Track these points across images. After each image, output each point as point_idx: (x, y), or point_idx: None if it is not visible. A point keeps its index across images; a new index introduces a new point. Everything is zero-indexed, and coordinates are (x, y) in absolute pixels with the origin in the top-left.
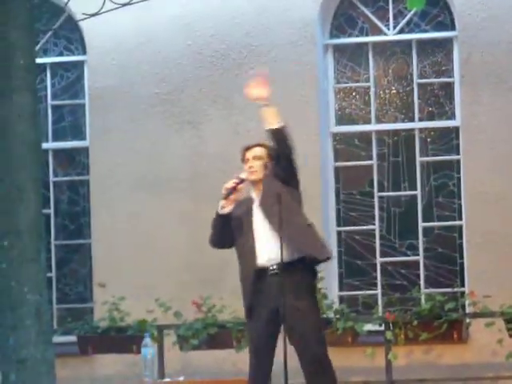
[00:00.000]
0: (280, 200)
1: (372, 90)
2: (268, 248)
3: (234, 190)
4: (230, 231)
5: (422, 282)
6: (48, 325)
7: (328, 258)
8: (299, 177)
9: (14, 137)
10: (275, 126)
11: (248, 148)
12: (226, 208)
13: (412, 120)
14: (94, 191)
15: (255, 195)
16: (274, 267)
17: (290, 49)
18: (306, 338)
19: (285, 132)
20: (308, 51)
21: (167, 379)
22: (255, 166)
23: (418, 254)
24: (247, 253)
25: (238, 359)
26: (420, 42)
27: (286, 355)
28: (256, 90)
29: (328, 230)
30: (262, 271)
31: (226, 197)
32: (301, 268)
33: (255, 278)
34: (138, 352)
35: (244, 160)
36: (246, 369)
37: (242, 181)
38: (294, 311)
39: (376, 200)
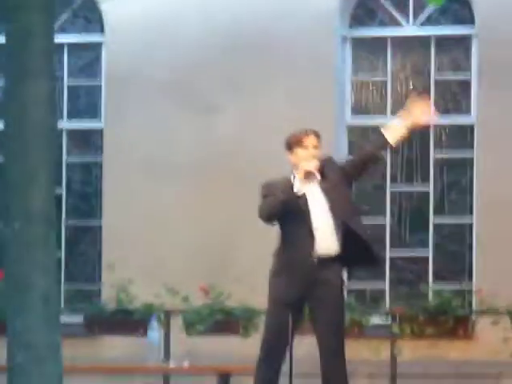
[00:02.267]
0: (343, 197)
1: (389, 84)
2: (326, 236)
3: (312, 173)
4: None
5: (430, 278)
6: (56, 309)
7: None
8: None
9: (29, 122)
10: (394, 143)
11: (304, 135)
12: (302, 189)
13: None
14: (107, 173)
15: (303, 186)
16: (327, 257)
17: (307, 38)
18: (330, 330)
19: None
20: (326, 42)
21: (172, 363)
22: (316, 154)
23: (428, 250)
24: (305, 239)
25: (244, 346)
26: (439, 38)
27: (292, 349)
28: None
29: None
30: (318, 261)
31: (306, 176)
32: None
33: (310, 269)
34: (145, 335)
35: (300, 145)
36: (251, 356)
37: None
38: (324, 301)
39: (388, 194)
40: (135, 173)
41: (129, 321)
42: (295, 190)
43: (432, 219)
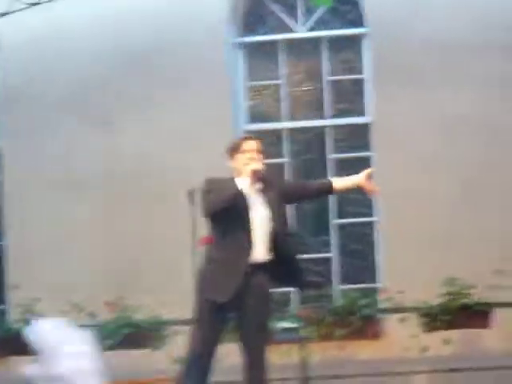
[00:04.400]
0: (281, 199)
1: (283, 87)
2: (262, 242)
3: (260, 173)
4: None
5: (335, 279)
6: None
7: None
8: None
9: None
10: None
11: (244, 140)
12: (246, 189)
13: (323, 117)
14: (8, 192)
15: (249, 188)
16: (260, 262)
17: (200, 48)
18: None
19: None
20: (218, 50)
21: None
22: (259, 158)
23: (331, 251)
24: (243, 244)
25: (155, 359)
26: (330, 40)
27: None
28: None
29: None
30: (251, 265)
31: (254, 178)
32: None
33: (245, 272)
34: None
35: (240, 150)
36: (162, 368)
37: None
38: (253, 305)
39: None
40: (37, 191)
41: None
42: (239, 188)
43: (334, 220)
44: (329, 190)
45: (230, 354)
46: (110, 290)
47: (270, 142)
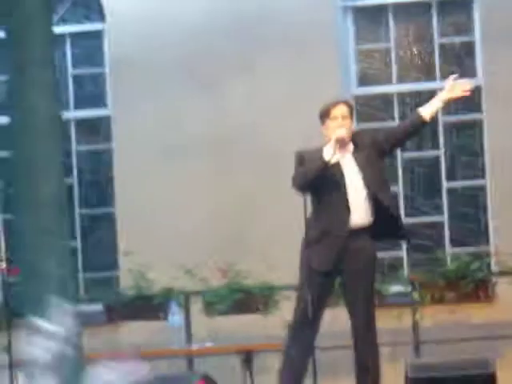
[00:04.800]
0: (377, 169)
1: (393, 51)
2: (359, 210)
3: (343, 140)
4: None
5: (446, 243)
6: (73, 298)
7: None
8: None
9: (32, 110)
10: (429, 118)
11: (333, 105)
12: (334, 158)
13: (434, 80)
14: (117, 160)
15: (342, 155)
16: (361, 226)
17: (308, 11)
18: (363, 297)
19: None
20: (327, 13)
21: (194, 345)
22: (346, 124)
23: (443, 214)
24: (340, 210)
25: (266, 324)
26: (440, 2)
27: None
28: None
29: None
30: (352, 230)
31: (338, 145)
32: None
33: (344, 238)
34: (165, 319)
35: (329, 116)
36: (273, 333)
37: (344, 135)
38: (358, 270)
39: (399, 161)
40: (146, 158)
41: (149, 306)
42: (327, 158)
43: (444, 183)
44: (421, 120)
45: (337, 319)
46: (221, 256)
47: (379, 107)
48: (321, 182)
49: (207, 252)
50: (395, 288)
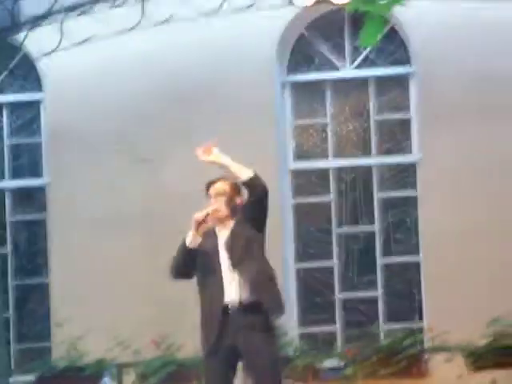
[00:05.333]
0: (247, 244)
1: (329, 126)
2: (232, 287)
3: (203, 222)
4: (193, 263)
5: (381, 318)
6: (4, 367)
7: (278, 315)
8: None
9: None
10: (246, 177)
11: (210, 184)
12: (195, 241)
13: (369, 156)
14: (52, 230)
15: (220, 232)
16: (235, 305)
17: (247, 86)
18: (261, 374)
19: (257, 178)
20: (266, 89)
21: None
22: (218, 202)
23: (377, 290)
24: (214, 289)
25: None
26: (377, 79)
27: None
28: (204, 156)
29: (287, 267)
30: (227, 309)
31: (196, 228)
32: (257, 308)
33: (222, 315)
34: None
35: (208, 195)
36: None
37: (208, 214)
38: (250, 347)
39: (334, 236)
40: (80, 228)
41: (81, 377)
42: (187, 243)
43: (379, 259)
44: (242, 181)
45: None
46: (155, 328)
47: (315, 181)
48: (195, 262)
49: (141, 324)
50: (329, 362)
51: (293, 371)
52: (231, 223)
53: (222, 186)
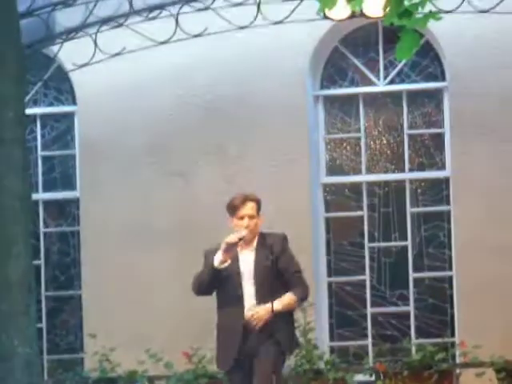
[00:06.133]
0: (270, 272)
1: (362, 140)
2: (251, 301)
3: (235, 245)
4: (218, 281)
5: (412, 333)
6: (38, 377)
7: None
8: None
9: (3, 190)
10: (296, 305)
11: (239, 205)
12: (225, 263)
13: (402, 171)
14: (84, 242)
15: (243, 250)
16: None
17: (280, 99)
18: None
19: (304, 296)
20: (298, 102)
21: None
22: (252, 224)
23: (409, 305)
24: (235, 303)
25: None
26: (410, 93)
27: None
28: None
29: (319, 281)
30: (247, 324)
31: (227, 251)
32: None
33: (243, 330)
34: None
35: (235, 215)
36: None
37: (242, 237)
38: (259, 355)
39: (367, 250)
40: (113, 241)
41: None
42: (216, 263)
43: (411, 273)
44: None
45: None
46: (185, 341)
47: (348, 195)
48: (218, 280)
49: (173, 336)
50: (360, 377)
51: None
52: (254, 241)
53: (254, 206)
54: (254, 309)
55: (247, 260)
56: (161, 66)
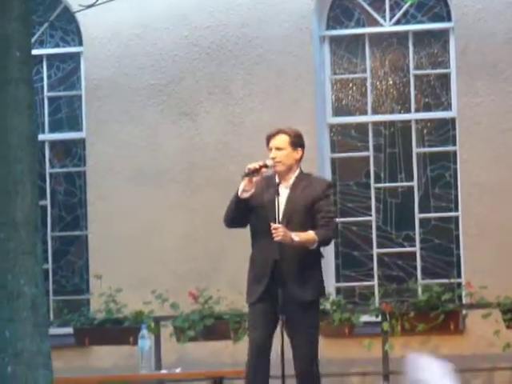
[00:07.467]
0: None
1: (368, 81)
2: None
3: (256, 172)
4: (247, 212)
5: (418, 273)
6: (44, 317)
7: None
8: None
9: (9, 129)
10: (315, 245)
11: (270, 136)
12: (247, 192)
13: (408, 111)
14: (91, 182)
15: (282, 184)
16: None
17: (286, 40)
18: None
19: (326, 239)
20: (304, 43)
21: (164, 371)
22: (278, 156)
23: (415, 245)
24: (268, 241)
25: (235, 350)
26: (416, 34)
27: (283, 346)
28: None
29: None
30: (278, 262)
31: (247, 176)
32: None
33: (273, 268)
34: (135, 344)
35: (268, 147)
36: (243, 359)
37: (265, 166)
38: (292, 310)
39: (372, 191)
40: (119, 181)
41: (119, 330)
42: (239, 192)
43: (417, 214)
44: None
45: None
46: (193, 281)
47: (354, 136)
48: (252, 215)
49: (179, 277)
50: (366, 317)
51: (329, 326)
52: (291, 178)
53: (280, 141)
54: (280, 226)
55: (282, 195)
56: (167, 7)
